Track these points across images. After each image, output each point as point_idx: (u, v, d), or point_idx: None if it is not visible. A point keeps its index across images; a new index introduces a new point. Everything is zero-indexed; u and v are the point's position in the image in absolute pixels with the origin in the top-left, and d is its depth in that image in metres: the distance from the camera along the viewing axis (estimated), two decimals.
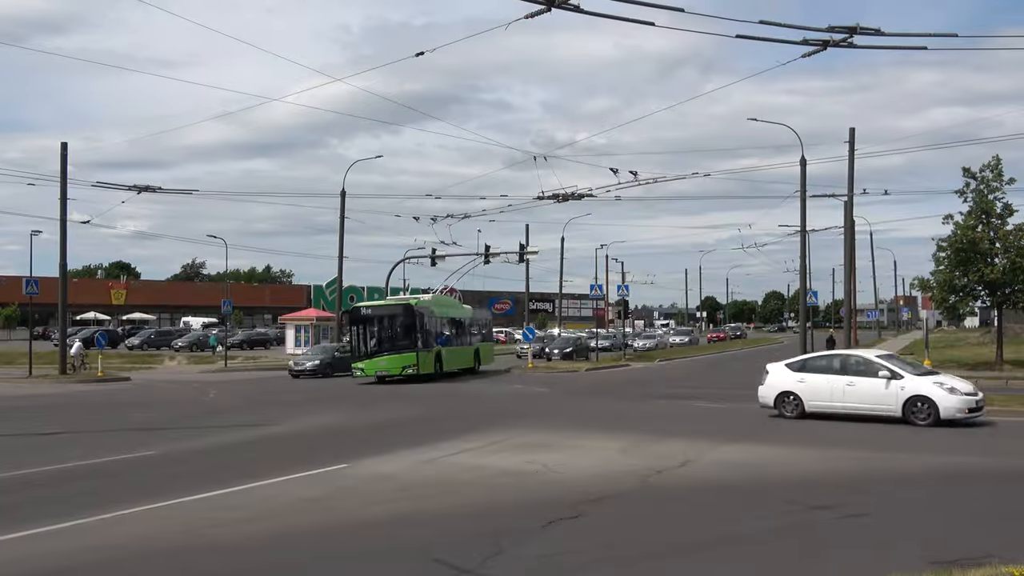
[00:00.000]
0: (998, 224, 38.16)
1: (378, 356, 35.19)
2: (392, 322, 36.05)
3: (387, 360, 34.88)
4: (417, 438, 17.71)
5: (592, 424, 19.74)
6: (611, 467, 14.13)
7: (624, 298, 57.60)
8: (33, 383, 36.09)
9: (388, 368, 34.69)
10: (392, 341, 35.74)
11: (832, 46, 14.94)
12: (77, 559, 8.81)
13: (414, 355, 34.89)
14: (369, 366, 35.03)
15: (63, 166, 38.72)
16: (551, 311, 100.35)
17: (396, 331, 35.89)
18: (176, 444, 17.35)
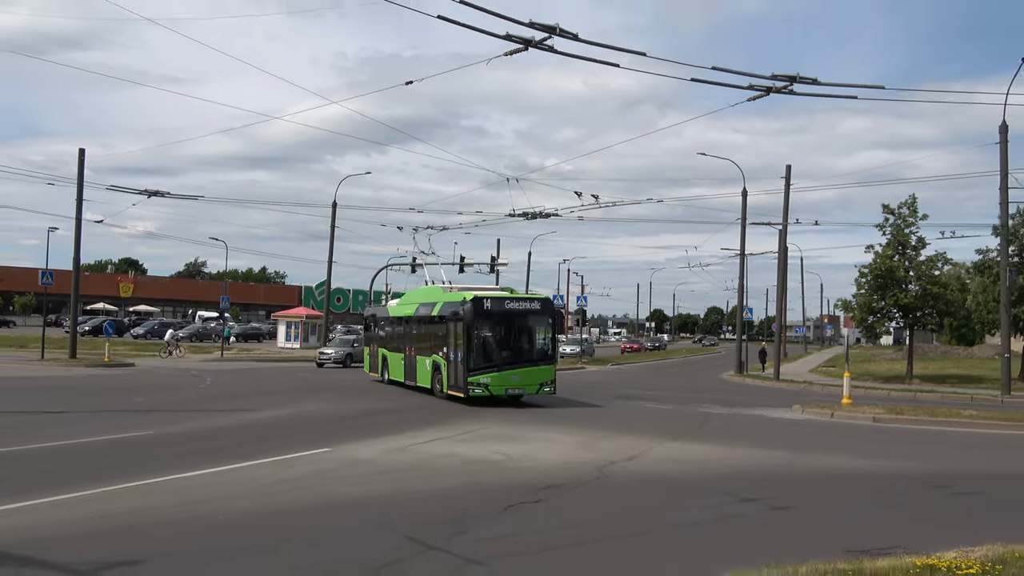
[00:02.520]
0: (912, 255, 38.87)
1: (510, 368, 22.52)
2: (527, 322, 23.36)
3: (521, 374, 22.62)
4: (394, 427, 17.54)
5: (552, 420, 19.65)
6: (568, 459, 14.06)
7: (582, 308, 58.15)
8: (45, 366, 35.36)
9: (522, 385, 22.68)
10: (528, 349, 23.33)
11: (775, 92, 15.09)
12: (73, 528, 8.58)
13: (552, 368, 23.36)
14: (497, 382, 22.21)
15: (80, 170, 38.11)
16: None
17: (533, 335, 23.54)
18: (172, 426, 17.03)
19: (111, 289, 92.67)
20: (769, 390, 34.40)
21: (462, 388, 22.24)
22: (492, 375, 22.17)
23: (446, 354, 23.49)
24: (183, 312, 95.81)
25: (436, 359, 24.47)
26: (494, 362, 22.52)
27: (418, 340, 26.66)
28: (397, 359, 28.58)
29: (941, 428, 20.21)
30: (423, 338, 26.18)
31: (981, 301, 39.42)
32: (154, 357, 44.10)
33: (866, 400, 26.79)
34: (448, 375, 23.35)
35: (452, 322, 23.27)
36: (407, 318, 27.87)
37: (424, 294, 28.74)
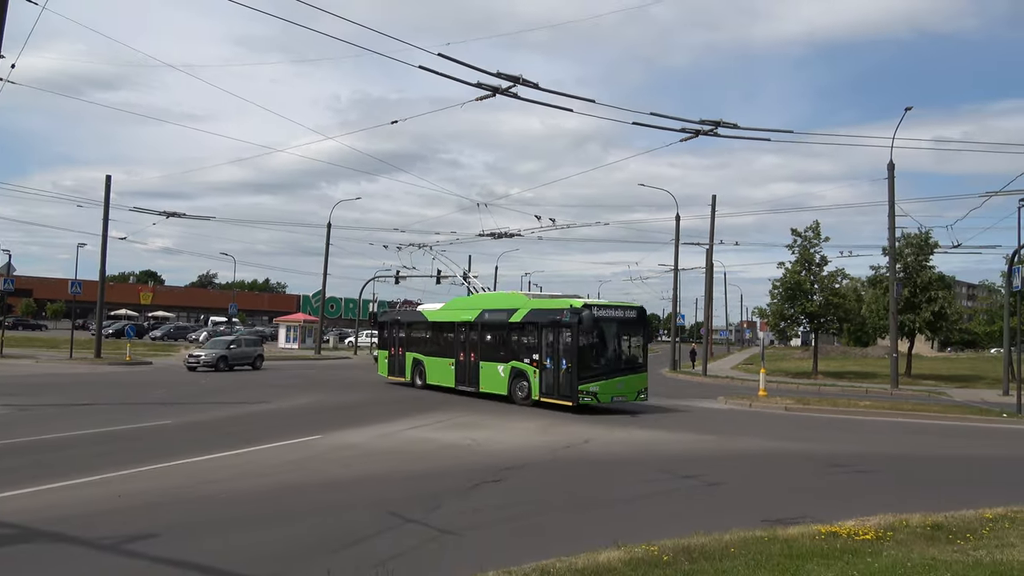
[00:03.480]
0: (817, 271, 39.61)
1: (616, 376, 19.62)
2: (626, 330, 20.49)
3: (624, 382, 19.81)
4: (378, 417, 17.35)
5: (513, 410, 19.58)
6: (529, 443, 14.00)
7: None
8: (73, 364, 34.42)
9: (625, 393, 19.79)
10: (628, 357, 20.50)
11: (702, 134, 15.27)
12: (96, 507, 8.35)
13: (646, 376, 20.72)
14: (605, 389, 19.19)
15: (107, 193, 37.30)
16: None
17: (631, 343, 20.77)
18: (185, 416, 16.68)
19: (132, 297, 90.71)
20: (699, 384, 34.65)
21: (569, 396, 18.84)
22: (600, 383, 19.10)
23: (537, 361, 20.00)
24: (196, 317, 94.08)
25: (518, 366, 20.70)
26: (601, 370, 19.40)
27: (487, 346, 22.46)
28: (441, 364, 24.34)
29: (842, 416, 20.50)
30: (494, 344, 22.20)
31: (874, 309, 40.16)
32: (170, 356, 43.17)
33: (779, 392, 27.11)
34: (543, 382, 19.78)
35: (551, 329, 19.67)
36: (465, 323, 23.43)
37: (490, 300, 24.53)
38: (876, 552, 6.22)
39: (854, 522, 7.33)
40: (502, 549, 6.97)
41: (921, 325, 39.43)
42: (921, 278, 38.77)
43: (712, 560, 6.01)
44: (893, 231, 29.61)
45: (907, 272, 38.40)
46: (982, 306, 79.45)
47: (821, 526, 7.18)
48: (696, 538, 6.69)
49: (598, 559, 6.07)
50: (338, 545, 7.07)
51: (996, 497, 8.92)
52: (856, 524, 7.23)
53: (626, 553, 6.23)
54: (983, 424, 19.39)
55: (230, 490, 9.37)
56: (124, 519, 7.82)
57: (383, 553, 6.79)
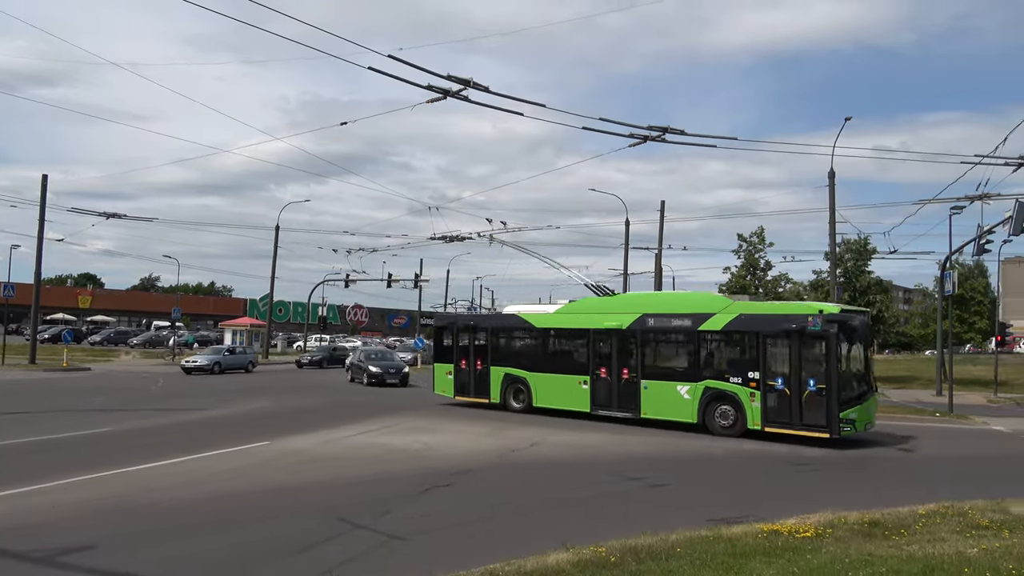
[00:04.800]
0: (761, 275, 40.58)
1: (866, 399, 15.51)
2: (868, 342, 16.68)
3: (871, 405, 15.93)
4: (326, 422, 17.10)
5: (462, 415, 19.53)
6: (477, 447, 13.98)
7: None
8: (5, 371, 33.06)
9: (871, 419, 15.83)
10: (869, 375, 16.24)
11: (650, 140, 15.44)
12: (31, 519, 8.04)
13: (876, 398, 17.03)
14: (862, 416, 15.07)
15: (43, 193, 36.01)
16: None
17: (871, 357, 17.31)
18: (126, 423, 16.19)
19: (70, 301, 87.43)
20: None
21: (825, 425, 14.52)
22: (857, 408, 14.96)
23: (758, 381, 15.47)
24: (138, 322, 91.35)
25: (718, 386, 16.08)
26: (856, 392, 15.28)
27: (655, 360, 17.72)
28: (562, 383, 18.84)
29: None
30: (670, 358, 17.74)
31: None
32: (109, 362, 41.83)
33: None
34: (769, 408, 15.33)
35: (785, 339, 15.27)
36: (611, 332, 18.02)
37: (651, 301, 18.89)
38: (816, 549, 6.40)
39: (795, 520, 7.52)
40: (451, 553, 6.96)
41: None
42: (860, 283, 40.01)
43: (659, 560, 6.10)
44: (834, 237, 30.46)
45: (847, 277, 39.57)
46: (917, 309, 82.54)
47: (764, 524, 7.34)
48: (643, 538, 6.78)
49: (546, 561, 6.11)
50: (285, 552, 6.96)
51: (928, 492, 9.26)
52: (797, 522, 7.42)
53: (574, 555, 6.28)
54: (918, 424, 20.08)
55: (172, 498, 9.13)
56: (60, 530, 7.55)
57: (332, 560, 6.70)
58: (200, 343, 67.79)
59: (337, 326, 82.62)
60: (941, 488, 10.06)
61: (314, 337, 61.65)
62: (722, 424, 16.08)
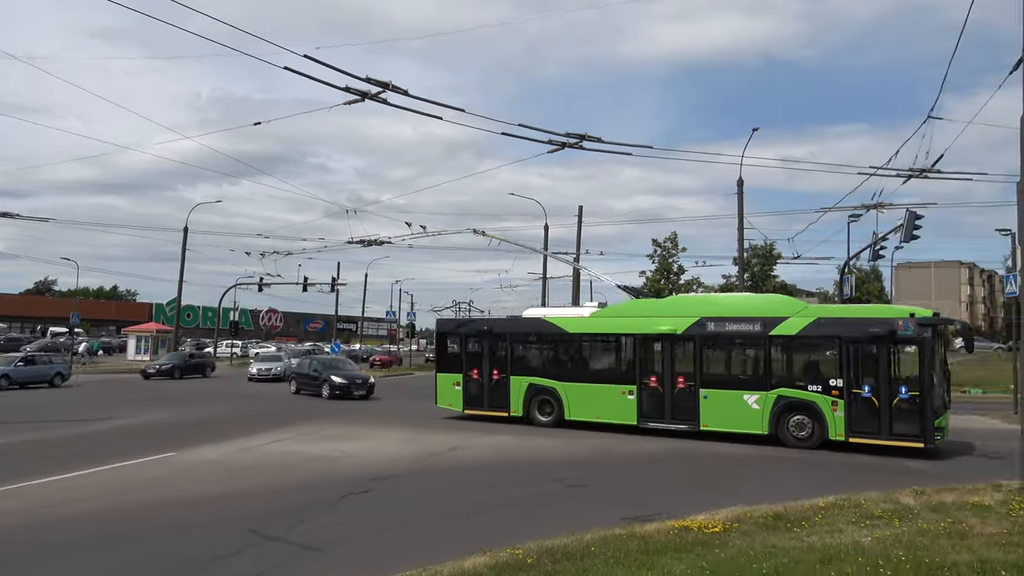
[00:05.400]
0: (675, 279, 41.90)
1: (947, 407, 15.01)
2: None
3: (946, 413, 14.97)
4: (241, 430, 16.58)
5: (383, 420, 19.29)
6: (398, 452, 13.85)
7: (412, 322, 58.00)
8: None
9: (945, 426, 14.78)
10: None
11: (568, 147, 15.66)
12: None
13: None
14: (943, 423, 14.50)
15: None
16: (355, 330, 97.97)
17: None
18: (27, 435, 15.22)
19: None
20: None
21: (920, 435, 13.67)
22: (943, 416, 14.45)
23: (841, 389, 14.54)
24: (32, 328, 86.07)
25: (793, 395, 15.03)
26: (941, 400, 14.47)
27: (718, 367, 16.59)
28: (601, 393, 17.22)
29: None
30: (735, 365, 16.59)
31: None
32: None
33: None
34: (853, 417, 14.38)
35: (871, 345, 14.43)
36: (663, 336, 16.60)
37: (705, 304, 17.37)
38: (723, 543, 6.65)
39: (705, 516, 7.79)
40: (367, 561, 6.88)
41: None
42: (767, 286, 41.77)
43: (574, 560, 6.20)
44: (742, 243, 31.68)
45: (754, 281, 41.26)
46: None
47: (676, 521, 7.57)
48: (559, 539, 6.87)
49: (463, 566, 6.12)
50: (192, 567, 6.71)
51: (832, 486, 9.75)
52: (707, 518, 7.69)
53: (491, 558, 6.31)
54: None
55: (74, 513, 8.67)
56: None
57: (240, 573, 6.51)
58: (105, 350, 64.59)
59: (250, 331, 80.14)
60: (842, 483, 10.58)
61: (225, 343, 59.58)
62: (798, 436, 14.96)
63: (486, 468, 12.41)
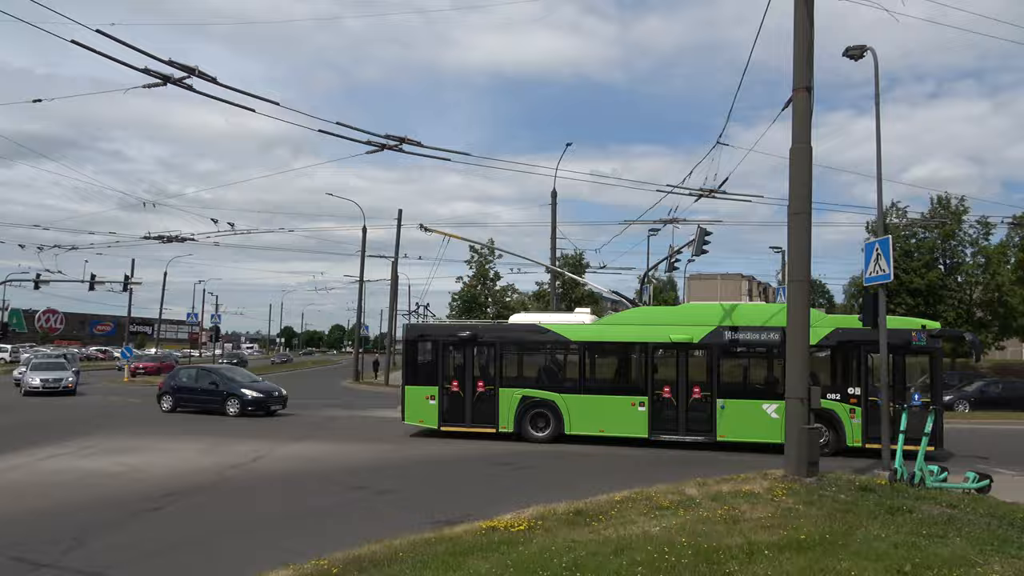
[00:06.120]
0: (491, 285, 42.94)
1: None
2: None
3: None
4: (8, 445, 14.66)
5: (174, 429, 17.94)
6: (195, 465, 12.95)
7: (216, 324, 54.29)
8: None
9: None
10: None
11: (388, 148, 15.55)
12: None
13: None
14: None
15: None
16: (151, 334, 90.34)
17: None
18: None
19: None
20: (380, 394, 35.08)
21: (934, 440, 13.30)
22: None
23: (858, 397, 14.93)
24: None
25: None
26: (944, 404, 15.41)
27: (735, 377, 16.28)
28: (607, 405, 16.29)
29: None
30: (753, 375, 16.26)
31: None
32: None
33: None
34: (869, 425, 14.65)
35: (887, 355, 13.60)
36: (678, 345, 15.99)
37: (715, 313, 16.29)
38: (528, 540, 6.90)
39: (511, 515, 8.02)
40: None
41: None
42: (575, 294, 43.98)
43: (381, 567, 6.15)
44: (554, 251, 33.13)
45: (565, 288, 43.26)
46: None
47: (482, 522, 7.73)
48: (366, 547, 6.78)
49: None
50: None
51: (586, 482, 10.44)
52: (513, 517, 7.92)
53: (296, 571, 6.10)
54: None
55: None
56: None
57: None
58: None
59: (24, 334, 71.25)
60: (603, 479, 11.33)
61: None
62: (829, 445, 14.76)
63: (292, 478, 11.96)
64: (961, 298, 41.50)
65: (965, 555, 6.16)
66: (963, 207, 42.76)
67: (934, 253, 42.69)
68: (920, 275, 42.35)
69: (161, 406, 23.02)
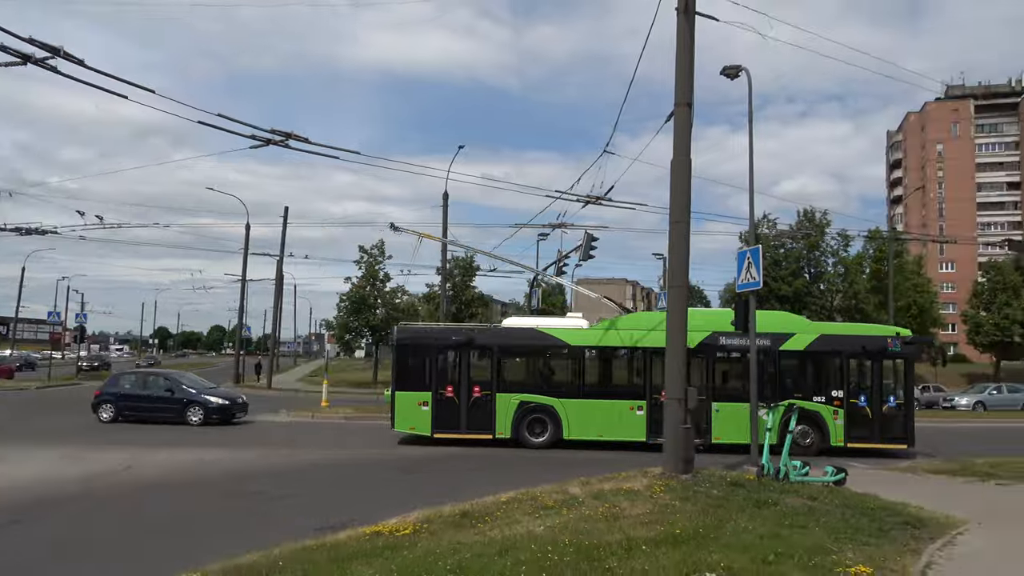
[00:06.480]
0: (380, 286, 42.35)
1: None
2: None
3: None
4: None
5: (29, 439, 16.61)
6: (58, 475, 12.06)
7: (82, 324, 50.52)
8: None
9: None
10: None
11: (273, 144, 15.04)
12: None
13: None
14: None
15: None
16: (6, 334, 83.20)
17: None
18: None
19: None
20: (263, 397, 33.83)
21: (904, 438, 15.83)
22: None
23: (841, 399, 15.97)
24: None
25: (802, 406, 14.83)
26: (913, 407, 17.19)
27: (728, 381, 16.85)
28: (605, 409, 16.26)
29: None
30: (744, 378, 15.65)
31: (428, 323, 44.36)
32: None
33: (341, 403, 27.94)
34: (852, 425, 15.92)
35: (865, 359, 16.26)
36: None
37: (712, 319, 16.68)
38: (412, 544, 6.86)
39: (396, 520, 7.95)
40: None
41: None
42: (466, 296, 44.09)
43: None
44: (445, 253, 33.05)
45: (455, 291, 43.28)
46: None
47: (367, 527, 7.62)
48: (247, 556, 6.54)
49: None
50: None
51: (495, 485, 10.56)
52: (398, 522, 7.85)
53: None
54: None
55: None
56: None
57: None
58: None
59: None
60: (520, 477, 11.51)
61: None
62: (802, 443, 15.37)
63: (168, 486, 11.39)
64: (823, 304, 44.68)
65: (822, 543, 6.64)
66: (826, 220, 46.12)
67: (800, 262, 45.83)
68: (788, 283, 45.27)
69: (99, 416, 20.59)
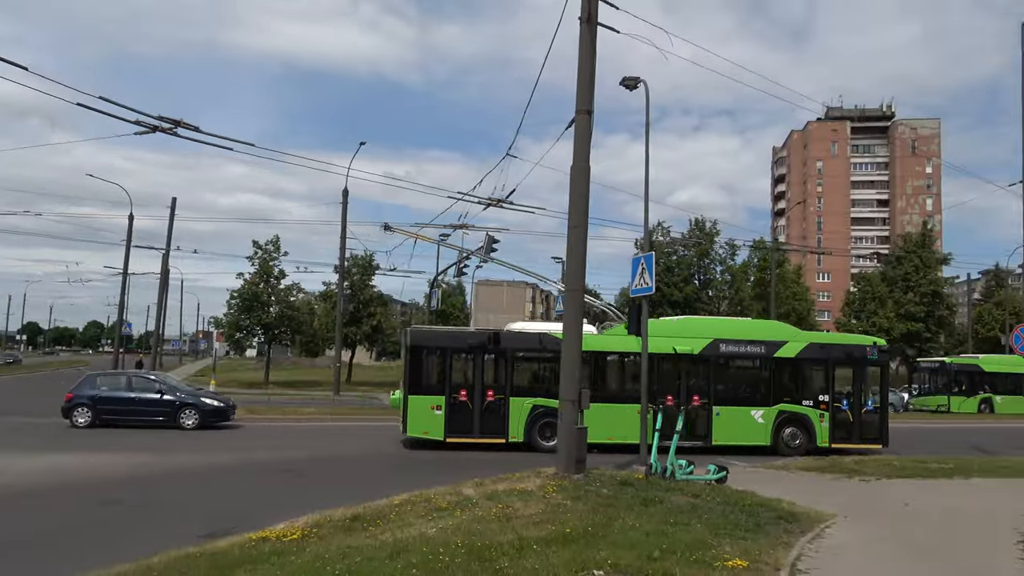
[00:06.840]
0: (275, 283, 41.06)
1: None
2: None
3: None
4: None
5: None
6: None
7: None
8: None
9: None
10: None
11: (160, 131, 14.37)
12: None
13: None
14: None
15: None
16: None
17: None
18: None
19: None
20: None
21: (878, 438, 17.16)
22: None
23: (827, 403, 17.24)
24: None
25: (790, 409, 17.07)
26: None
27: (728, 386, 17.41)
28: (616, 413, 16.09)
29: (290, 424, 21.48)
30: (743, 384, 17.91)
31: (324, 322, 43.30)
32: None
33: None
34: (836, 427, 17.17)
35: (849, 366, 17.62)
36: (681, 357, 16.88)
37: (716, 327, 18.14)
38: (301, 550, 6.66)
39: (284, 525, 7.71)
40: None
41: (362, 337, 44.14)
42: (364, 295, 43.39)
43: None
44: (344, 251, 32.39)
45: (353, 289, 42.49)
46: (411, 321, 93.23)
47: (253, 533, 7.35)
48: (120, 568, 6.19)
49: None
50: None
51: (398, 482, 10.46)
52: (286, 526, 7.61)
53: None
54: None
55: None
56: None
57: None
58: None
59: None
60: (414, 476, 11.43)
61: None
62: (792, 445, 16.84)
63: (40, 495, 10.66)
64: (711, 311, 46.75)
65: (703, 539, 6.94)
66: (716, 230, 48.34)
67: (691, 269, 47.80)
68: (679, 288, 47.12)
69: (74, 420, 19.17)
